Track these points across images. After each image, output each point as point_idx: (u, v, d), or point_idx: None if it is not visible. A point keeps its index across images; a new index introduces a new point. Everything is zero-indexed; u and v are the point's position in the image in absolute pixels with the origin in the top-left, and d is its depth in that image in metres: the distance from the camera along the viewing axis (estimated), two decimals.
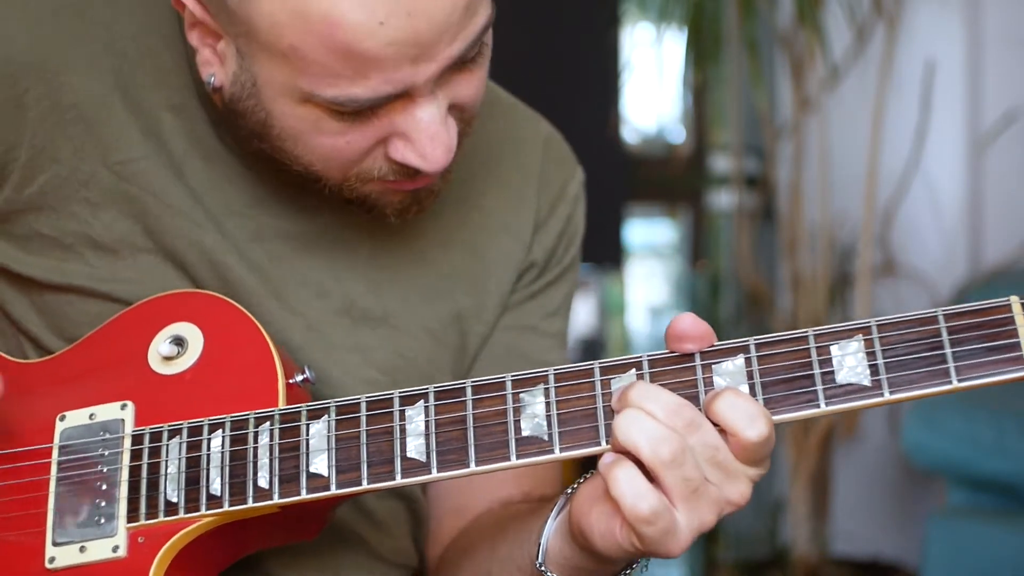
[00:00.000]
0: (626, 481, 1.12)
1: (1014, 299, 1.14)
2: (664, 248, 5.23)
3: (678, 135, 5.02)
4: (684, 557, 4.57)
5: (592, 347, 4.48)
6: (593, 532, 1.17)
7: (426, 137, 1.25)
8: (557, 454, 1.17)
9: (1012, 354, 1.12)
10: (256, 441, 1.23)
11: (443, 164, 1.26)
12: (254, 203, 1.39)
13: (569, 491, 1.25)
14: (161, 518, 1.24)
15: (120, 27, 1.37)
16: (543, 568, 1.24)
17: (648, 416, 1.12)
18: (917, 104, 3.93)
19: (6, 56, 1.32)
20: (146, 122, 1.36)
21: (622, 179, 4.16)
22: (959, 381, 1.13)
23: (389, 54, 1.18)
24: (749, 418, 1.12)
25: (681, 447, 1.11)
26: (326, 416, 1.23)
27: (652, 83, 4.53)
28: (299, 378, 1.29)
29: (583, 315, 4.43)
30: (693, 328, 1.16)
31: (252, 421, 1.24)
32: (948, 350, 1.13)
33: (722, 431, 1.13)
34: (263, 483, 1.22)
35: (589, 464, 1.19)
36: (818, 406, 1.15)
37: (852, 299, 3.97)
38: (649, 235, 5.22)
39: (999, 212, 4.12)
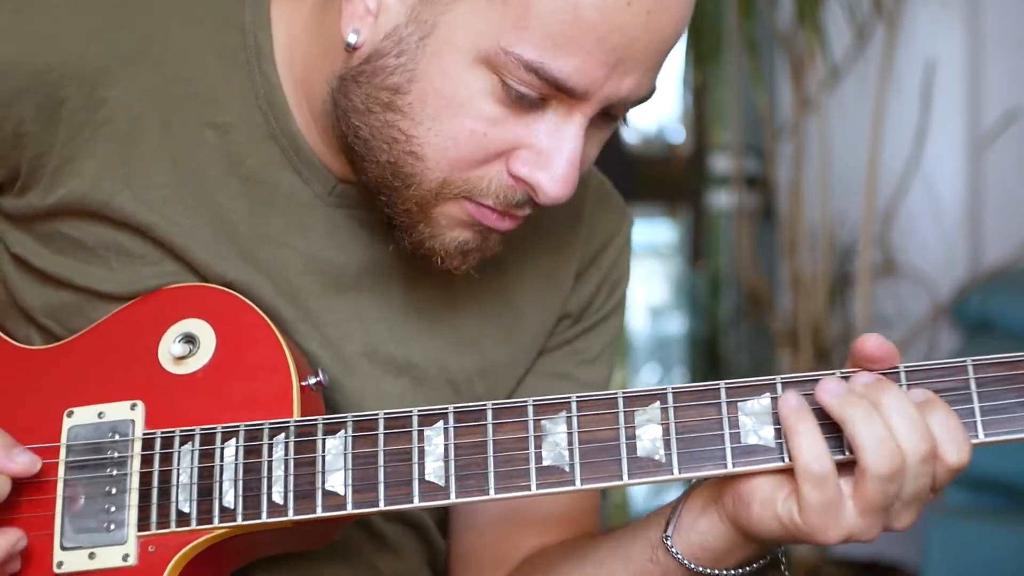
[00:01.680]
0: (807, 435, 1.11)
1: None
2: (664, 248, 5.22)
3: (678, 135, 5.02)
4: None
5: None
6: (754, 497, 1.15)
7: (564, 159, 1.21)
8: (578, 486, 1.16)
9: None
10: (271, 454, 1.21)
11: (564, 196, 1.22)
12: (289, 231, 1.35)
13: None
14: (172, 528, 1.22)
15: (172, 45, 1.33)
16: (668, 541, 1.22)
17: (885, 425, 1.10)
18: (917, 104, 3.93)
19: (51, 62, 1.29)
20: (180, 146, 1.33)
21: (622, 179, 4.16)
22: (986, 436, 1.12)
23: (607, 40, 1.16)
24: (958, 442, 1.11)
25: (902, 469, 1.10)
26: (343, 431, 1.20)
27: None
28: (312, 381, 1.27)
29: None
30: (879, 350, 1.15)
31: (267, 432, 1.22)
32: (976, 404, 1.12)
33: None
34: (278, 498, 1.20)
35: None
36: (843, 453, 1.13)
37: (852, 299, 3.97)
38: (649, 235, 5.22)
39: (999, 212, 4.12)
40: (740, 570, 1.22)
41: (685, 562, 1.22)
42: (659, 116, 5.00)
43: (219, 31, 1.35)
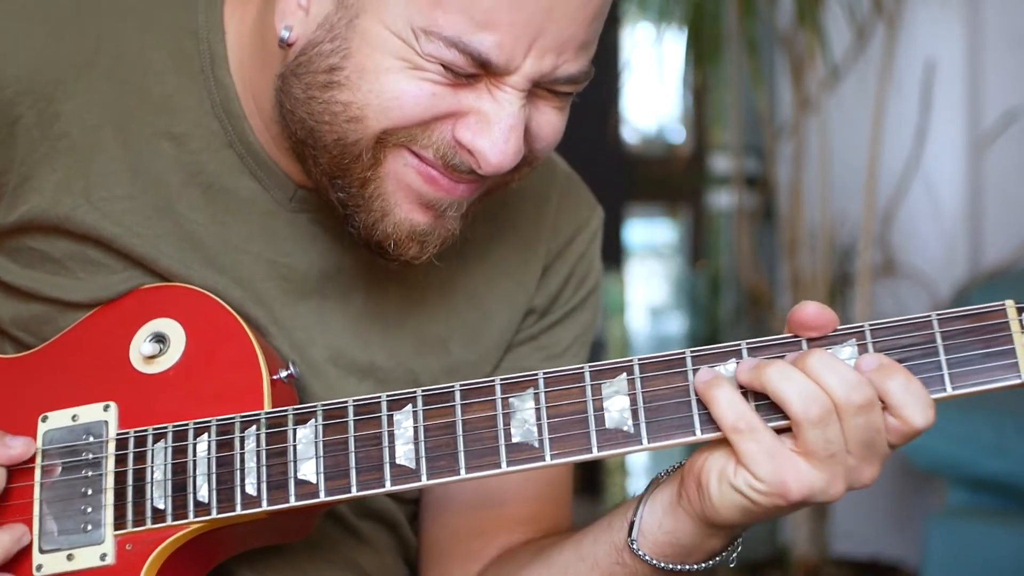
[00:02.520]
0: (724, 398, 1.13)
1: (1009, 303, 1.12)
2: (664, 248, 5.22)
3: (678, 135, 5.02)
4: None
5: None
6: (711, 473, 1.15)
7: (503, 128, 1.23)
8: (548, 461, 1.16)
9: (1006, 361, 1.11)
10: (243, 446, 1.22)
11: (505, 165, 1.23)
12: (252, 238, 1.36)
13: (662, 473, 1.23)
14: (148, 525, 1.23)
15: (125, 52, 1.34)
16: (634, 545, 1.22)
17: (805, 377, 1.11)
18: (917, 104, 3.93)
19: (4, 79, 1.30)
20: (138, 156, 1.33)
21: (622, 179, 4.16)
22: (954, 388, 1.12)
23: (519, 15, 1.18)
24: (923, 405, 1.11)
25: (831, 412, 1.11)
26: (313, 420, 1.21)
27: (652, 83, 4.52)
28: (283, 374, 1.28)
29: None
30: (817, 318, 1.15)
31: (238, 425, 1.22)
32: (943, 357, 1.12)
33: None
34: (251, 490, 1.21)
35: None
36: None
37: (852, 299, 3.97)
38: (649, 235, 5.22)
39: (999, 212, 4.12)
40: (705, 564, 1.23)
41: (653, 561, 1.22)
42: (659, 116, 5.00)
43: (173, 37, 1.35)
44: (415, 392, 1.20)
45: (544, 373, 1.18)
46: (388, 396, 1.20)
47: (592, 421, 1.16)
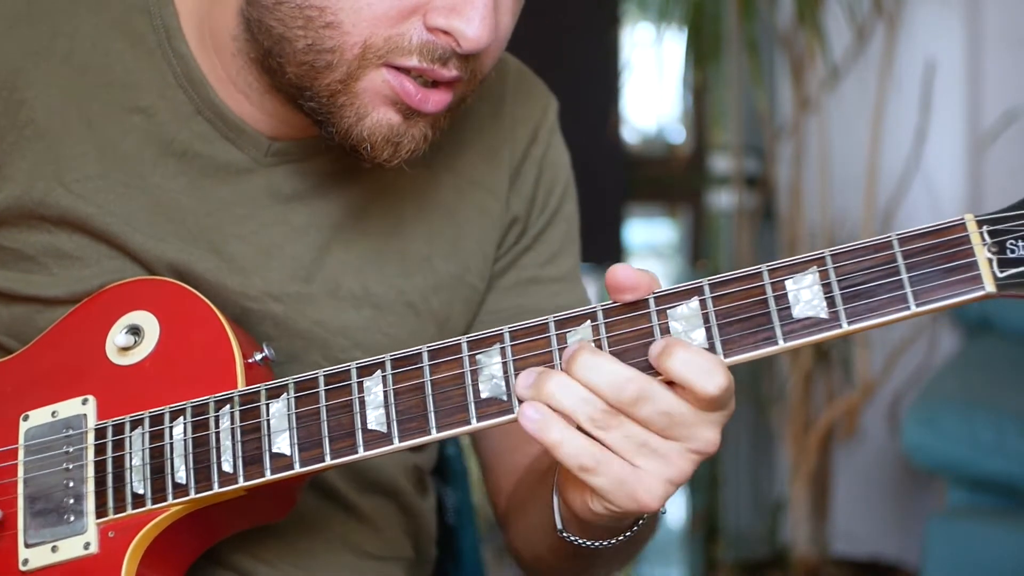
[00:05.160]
0: (563, 438, 1.11)
1: (968, 217, 1.12)
2: (664, 248, 5.23)
3: (678, 135, 5.02)
4: (684, 557, 4.57)
5: None
6: (576, 507, 1.18)
7: (475, 5, 1.22)
8: (516, 413, 1.16)
9: (970, 273, 1.10)
10: (218, 426, 1.23)
11: (484, 41, 1.23)
12: (234, 198, 1.37)
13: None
14: (129, 511, 1.24)
15: (81, 35, 1.36)
16: (564, 534, 1.23)
17: (578, 384, 1.11)
18: (917, 104, 3.93)
19: None
20: (106, 135, 1.35)
21: (622, 179, 4.16)
22: (918, 306, 1.10)
23: None
24: (706, 373, 1.10)
25: (608, 408, 1.10)
26: (285, 394, 1.22)
27: (652, 83, 4.52)
28: (258, 357, 1.29)
29: None
30: (628, 279, 1.14)
31: (212, 405, 1.24)
32: (904, 275, 1.11)
33: (675, 384, 1.11)
34: (227, 467, 1.22)
35: None
36: (776, 343, 1.13)
37: None
38: (649, 235, 5.22)
39: None
40: (634, 529, 1.23)
41: (587, 543, 1.23)
42: (659, 116, 5.00)
43: (125, 18, 1.37)
44: (384, 358, 1.20)
45: (509, 328, 1.18)
46: (357, 364, 1.21)
47: (559, 368, 1.15)
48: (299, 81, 1.28)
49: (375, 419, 1.19)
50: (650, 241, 5.23)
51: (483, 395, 1.17)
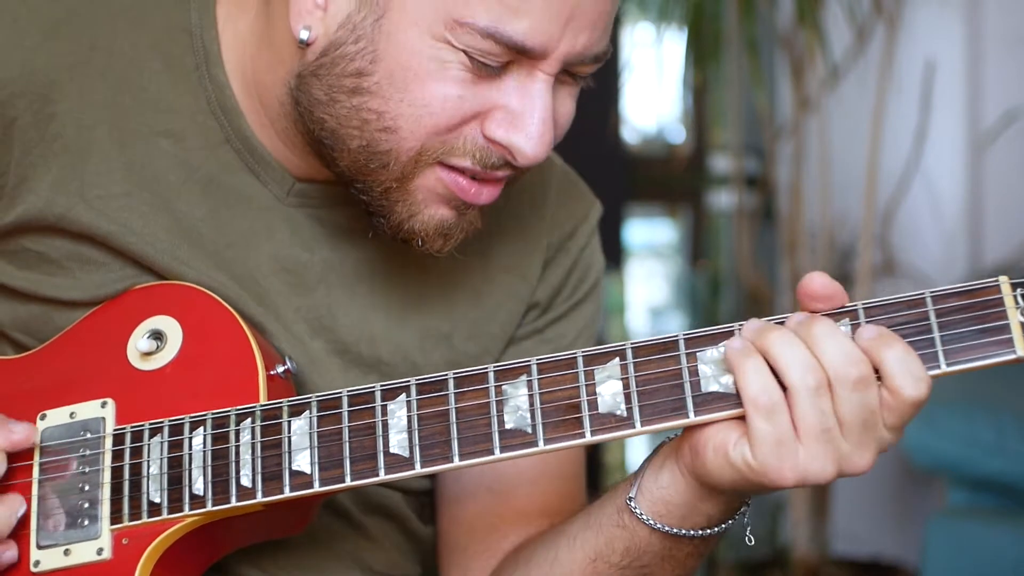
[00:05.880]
0: (753, 370, 1.11)
1: (1003, 279, 1.12)
2: (664, 248, 5.22)
3: (678, 135, 5.02)
4: None
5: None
6: (708, 443, 1.15)
7: (536, 120, 1.23)
8: (541, 447, 1.16)
9: (1002, 336, 1.10)
10: (238, 439, 1.22)
11: (541, 155, 1.24)
12: (253, 233, 1.36)
13: (668, 437, 1.23)
14: (144, 519, 1.23)
15: (118, 51, 1.34)
16: (632, 503, 1.22)
17: (804, 346, 1.11)
18: (917, 104, 3.93)
19: (0, 81, 1.30)
20: (134, 155, 1.34)
21: (622, 179, 4.16)
22: (948, 365, 1.11)
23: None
24: (915, 378, 1.10)
25: (825, 383, 1.10)
26: (308, 412, 1.21)
27: (652, 83, 4.52)
28: (280, 369, 1.28)
29: None
30: (824, 288, 1.15)
31: (233, 418, 1.23)
32: (936, 333, 1.11)
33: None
34: (246, 482, 1.21)
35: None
36: None
37: (852, 299, 3.96)
38: (649, 235, 5.22)
39: (999, 212, 4.12)
40: (704, 531, 1.22)
41: (649, 521, 1.22)
42: (659, 116, 5.00)
43: (166, 35, 1.35)
44: (409, 381, 1.20)
45: (537, 360, 1.18)
46: (382, 386, 1.20)
47: (585, 406, 1.16)
48: (351, 174, 1.28)
49: (397, 443, 1.18)
50: (650, 241, 5.23)
51: (507, 425, 1.16)
